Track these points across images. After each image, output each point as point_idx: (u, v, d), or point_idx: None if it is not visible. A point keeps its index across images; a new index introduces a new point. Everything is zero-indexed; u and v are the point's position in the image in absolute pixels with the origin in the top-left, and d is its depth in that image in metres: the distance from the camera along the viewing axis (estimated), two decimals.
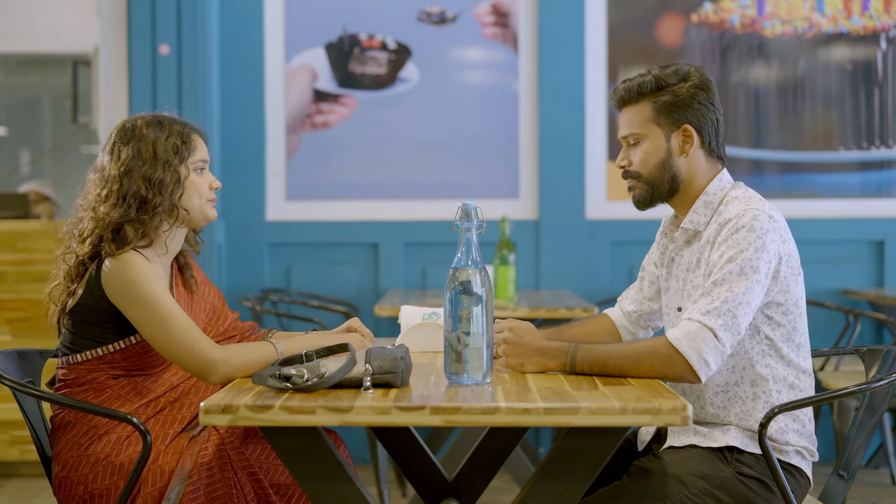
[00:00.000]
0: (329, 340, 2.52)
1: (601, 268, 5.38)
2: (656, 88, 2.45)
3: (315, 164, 5.44)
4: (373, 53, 5.42)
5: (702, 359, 2.23)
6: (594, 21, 5.41)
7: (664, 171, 2.46)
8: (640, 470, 2.36)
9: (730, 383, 2.39)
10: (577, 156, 5.37)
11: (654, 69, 2.47)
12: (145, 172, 2.48)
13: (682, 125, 2.44)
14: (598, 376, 2.27)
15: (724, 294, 2.26)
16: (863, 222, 5.39)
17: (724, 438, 2.36)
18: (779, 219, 2.36)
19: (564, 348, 2.30)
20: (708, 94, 2.45)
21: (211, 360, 2.34)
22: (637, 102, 2.47)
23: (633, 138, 2.48)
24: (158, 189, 2.48)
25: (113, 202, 2.46)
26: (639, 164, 2.48)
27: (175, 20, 5.14)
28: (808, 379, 2.42)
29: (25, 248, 4.85)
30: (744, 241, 2.30)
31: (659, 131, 2.45)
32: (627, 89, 2.48)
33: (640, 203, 2.51)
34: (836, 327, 5.16)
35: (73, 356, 2.48)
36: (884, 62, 5.39)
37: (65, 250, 2.54)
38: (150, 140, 2.50)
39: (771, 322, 2.37)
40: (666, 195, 2.49)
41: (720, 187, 2.46)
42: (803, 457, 2.41)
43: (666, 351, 2.25)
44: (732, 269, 2.28)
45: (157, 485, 2.38)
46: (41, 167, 9.08)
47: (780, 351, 2.38)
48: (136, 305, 2.39)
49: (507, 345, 2.33)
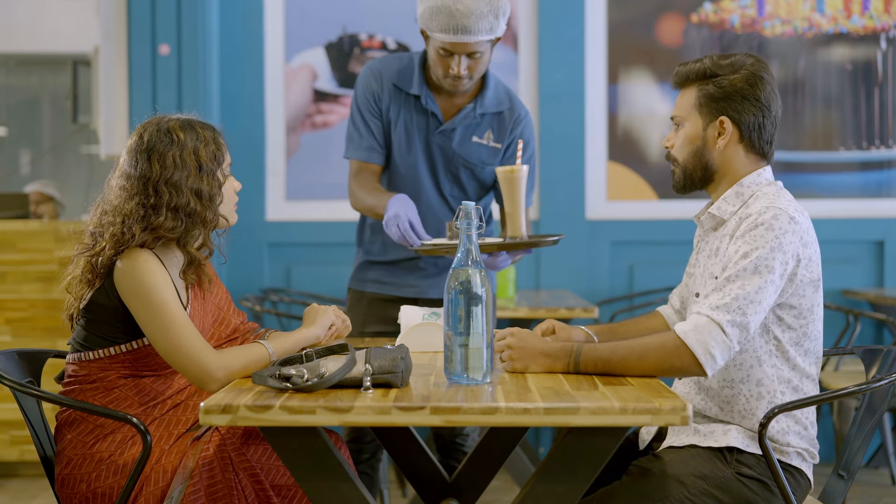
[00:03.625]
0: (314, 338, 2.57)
1: (601, 268, 5.38)
2: (705, 77, 2.45)
3: (315, 164, 5.43)
4: (373, 53, 5.42)
5: (708, 352, 2.23)
6: (594, 21, 5.41)
7: (698, 159, 2.47)
8: (640, 470, 2.36)
9: (735, 380, 2.39)
10: (577, 156, 5.37)
11: (712, 56, 2.47)
12: (192, 185, 2.46)
13: (720, 117, 2.43)
14: (602, 375, 2.27)
15: (735, 290, 2.26)
16: (863, 222, 5.39)
17: (725, 439, 2.36)
18: (802, 221, 2.35)
19: (568, 348, 2.30)
20: (754, 91, 2.42)
21: (209, 370, 2.35)
22: (688, 87, 2.49)
23: (678, 120, 2.51)
24: (209, 202, 2.48)
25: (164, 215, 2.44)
26: (677, 149, 2.50)
27: (175, 20, 5.14)
28: (812, 385, 2.41)
29: (25, 248, 4.85)
30: (760, 239, 2.30)
31: (699, 119, 2.46)
32: (681, 73, 2.50)
33: (676, 187, 2.54)
34: (836, 327, 5.16)
35: (84, 353, 2.49)
36: (884, 62, 5.39)
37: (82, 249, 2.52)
38: (190, 148, 2.48)
39: (781, 324, 2.37)
40: (700, 182, 2.50)
41: (756, 181, 2.45)
42: (804, 458, 2.40)
43: (673, 344, 2.25)
44: (747, 266, 2.28)
45: (159, 484, 2.38)
46: (41, 167, 9.08)
47: (788, 354, 2.38)
48: (143, 306, 2.39)
49: (512, 349, 2.33)
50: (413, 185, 3.28)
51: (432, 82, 3.23)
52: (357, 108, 3.28)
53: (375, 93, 3.25)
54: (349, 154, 3.29)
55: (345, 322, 2.69)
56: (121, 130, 5.19)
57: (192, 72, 5.14)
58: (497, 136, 3.28)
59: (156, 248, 2.47)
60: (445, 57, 3.10)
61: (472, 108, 3.23)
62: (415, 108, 3.24)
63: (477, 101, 3.24)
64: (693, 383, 2.48)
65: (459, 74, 3.10)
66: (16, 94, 9.21)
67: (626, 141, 5.43)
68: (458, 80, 3.13)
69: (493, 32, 3.07)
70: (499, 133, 3.28)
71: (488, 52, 3.13)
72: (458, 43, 3.05)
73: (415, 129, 3.25)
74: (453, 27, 3.02)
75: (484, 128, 3.26)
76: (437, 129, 3.25)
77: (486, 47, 3.10)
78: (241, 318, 2.72)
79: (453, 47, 3.06)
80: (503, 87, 3.32)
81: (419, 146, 3.25)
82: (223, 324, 2.66)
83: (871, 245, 5.41)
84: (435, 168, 3.28)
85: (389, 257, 3.36)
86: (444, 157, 3.27)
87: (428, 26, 3.07)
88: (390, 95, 3.25)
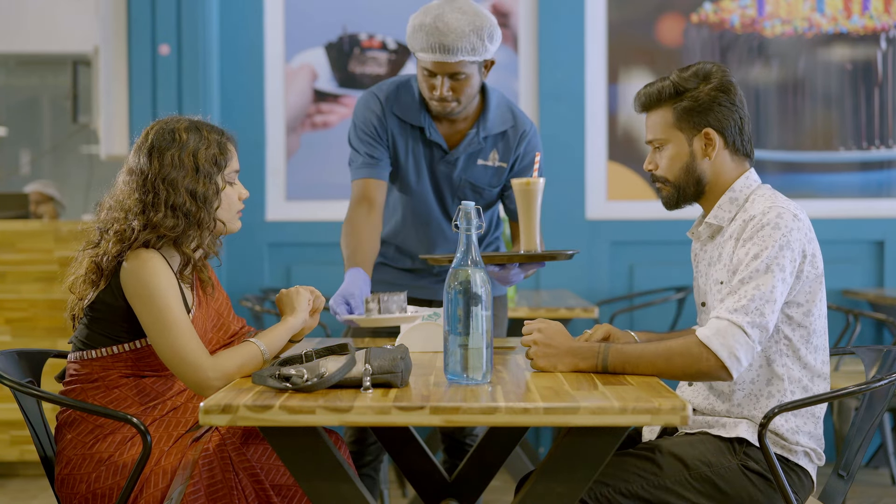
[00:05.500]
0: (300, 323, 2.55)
1: (601, 268, 5.38)
2: (675, 94, 2.44)
3: (315, 164, 5.44)
4: (373, 53, 5.42)
5: (733, 355, 2.24)
6: (594, 21, 5.41)
7: (689, 174, 2.47)
8: (648, 446, 2.37)
9: (746, 380, 2.40)
10: (577, 156, 5.37)
11: (673, 74, 2.47)
12: (188, 185, 2.46)
13: (704, 129, 2.43)
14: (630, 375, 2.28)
15: (751, 292, 2.27)
16: (863, 222, 5.39)
17: (735, 430, 2.37)
18: (803, 218, 2.37)
19: (596, 348, 2.31)
20: (728, 95, 2.43)
21: (206, 376, 2.35)
22: (658, 108, 2.48)
23: (657, 143, 2.49)
24: (203, 203, 2.48)
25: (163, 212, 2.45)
26: (664, 169, 2.49)
27: (175, 20, 5.14)
28: (823, 383, 2.42)
29: (25, 248, 4.85)
30: (769, 239, 2.31)
31: (681, 136, 2.45)
32: (647, 95, 2.48)
33: (667, 205, 2.54)
34: (836, 327, 5.16)
35: (87, 352, 2.48)
36: (884, 62, 5.39)
37: (87, 245, 2.52)
38: (190, 149, 2.48)
39: (791, 322, 2.38)
40: (693, 197, 2.50)
41: (747, 185, 2.46)
42: (810, 459, 2.41)
43: (697, 349, 2.26)
44: (758, 266, 2.29)
45: (159, 485, 2.38)
46: (41, 167, 9.08)
47: (798, 352, 2.39)
48: (146, 307, 2.39)
49: (538, 346, 2.33)
50: (421, 207, 3.27)
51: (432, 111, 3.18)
52: (358, 139, 3.21)
53: (378, 126, 3.19)
54: (352, 177, 3.23)
55: (318, 297, 2.67)
56: (121, 130, 5.20)
57: (192, 72, 5.14)
58: (502, 155, 3.25)
59: (162, 249, 2.47)
60: (429, 77, 3.06)
61: (476, 133, 3.18)
62: (420, 139, 3.20)
63: (479, 124, 3.19)
64: (705, 385, 2.48)
65: (443, 96, 3.05)
66: (16, 94, 9.21)
67: (626, 141, 5.43)
68: (443, 101, 3.07)
69: (477, 53, 3.01)
70: (504, 152, 3.24)
71: (476, 76, 3.07)
72: (439, 62, 3.00)
73: (421, 158, 3.22)
74: (434, 46, 2.98)
75: (488, 149, 3.22)
76: (441, 158, 3.22)
77: (471, 69, 3.04)
78: (240, 323, 2.72)
79: (434, 66, 3.02)
80: (505, 103, 3.27)
81: (426, 174, 3.24)
82: (223, 329, 2.66)
83: (871, 245, 5.41)
84: (442, 193, 3.26)
85: (404, 265, 3.35)
86: (449, 184, 3.24)
87: (412, 45, 3.05)
88: (395, 127, 3.20)
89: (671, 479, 2.30)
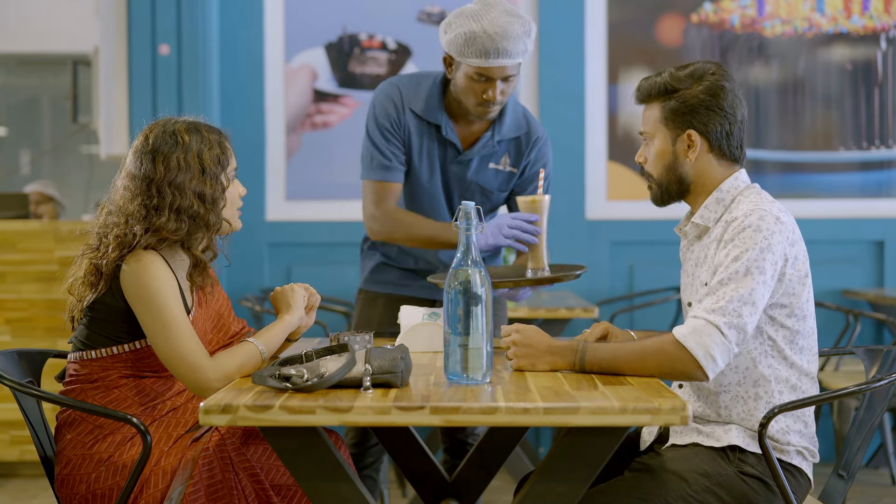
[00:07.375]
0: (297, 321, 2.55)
1: (601, 268, 5.38)
2: (665, 92, 2.44)
3: (315, 164, 5.44)
4: (373, 53, 5.42)
5: (709, 355, 2.24)
6: (594, 21, 5.41)
7: (671, 173, 2.47)
8: (642, 466, 2.36)
9: (732, 383, 2.39)
10: (577, 156, 5.37)
11: (669, 71, 2.46)
12: (195, 187, 2.46)
13: (687, 131, 2.43)
14: (606, 374, 2.27)
15: (729, 293, 2.27)
16: (863, 222, 5.39)
17: (727, 438, 2.36)
18: (786, 221, 2.36)
19: (574, 346, 2.31)
20: (717, 99, 2.41)
21: (206, 378, 2.35)
22: (651, 102, 2.48)
23: (646, 136, 2.50)
24: (211, 204, 2.48)
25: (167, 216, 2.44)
26: (650, 165, 2.50)
27: (175, 20, 5.14)
28: (811, 382, 2.41)
29: (25, 248, 4.85)
30: (749, 241, 2.30)
31: (666, 134, 2.45)
32: (641, 89, 2.49)
33: (655, 201, 2.54)
34: (836, 327, 5.16)
35: (86, 352, 2.48)
36: (884, 62, 5.39)
37: (86, 250, 2.52)
38: (194, 151, 2.48)
39: (774, 323, 2.37)
40: (678, 195, 2.50)
41: (734, 185, 2.45)
42: (804, 457, 2.41)
43: (672, 348, 2.26)
44: (738, 268, 2.28)
45: (159, 486, 2.38)
46: (41, 167, 9.08)
47: (783, 353, 2.38)
48: (146, 309, 2.39)
49: (517, 346, 2.34)
50: (429, 206, 3.27)
51: (451, 110, 3.18)
52: (377, 130, 3.20)
53: (396, 118, 3.19)
54: (368, 175, 3.21)
55: (313, 293, 2.67)
56: (121, 130, 5.20)
57: (192, 72, 5.14)
58: (514, 160, 3.25)
59: (162, 250, 2.47)
60: (481, 82, 3.04)
61: (490, 136, 3.19)
62: (435, 137, 3.20)
63: (494, 127, 3.19)
64: (692, 389, 2.48)
65: (495, 99, 3.05)
66: (16, 94, 9.21)
67: (626, 141, 5.43)
68: (490, 105, 3.07)
69: (528, 54, 3.05)
70: (515, 157, 3.24)
71: (519, 75, 3.10)
72: (496, 67, 3.00)
73: (435, 156, 3.22)
74: (493, 51, 2.97)
75: (500, 153, 3.23)
76: (455, 157, 3.22)
77: (518, 70, 3.06)
78: (240, 324, 2.72)
79: (490, 72, 3.01)
80: (520, 109, 3.28)
81: (438, 173, 3.24)
82: (222, 330, 2.66)
83: (871, 245, 5.41)
84: (451, 193, 3.26)
85: (407, 265, 3.35)
86: (460, 184, 3.24)
87: (462, 53, 3.01)
88: (411, 122, 3.19)
89: (673, 496, 2.30)
